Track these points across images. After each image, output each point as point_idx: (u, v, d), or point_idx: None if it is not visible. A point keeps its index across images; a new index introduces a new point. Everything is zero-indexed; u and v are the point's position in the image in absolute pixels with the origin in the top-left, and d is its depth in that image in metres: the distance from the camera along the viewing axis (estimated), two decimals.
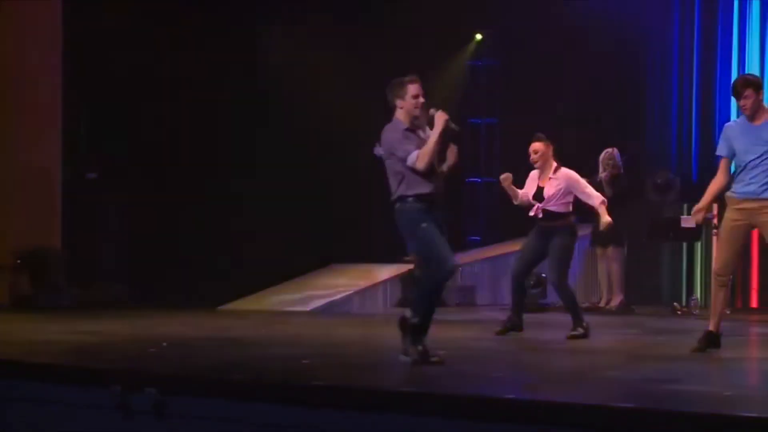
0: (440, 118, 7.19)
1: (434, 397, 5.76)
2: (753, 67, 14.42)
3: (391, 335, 9.64)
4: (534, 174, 9.47)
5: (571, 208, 9.42)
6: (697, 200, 8.08)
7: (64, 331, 9.43)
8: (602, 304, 12.61)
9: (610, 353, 8.43)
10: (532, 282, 12.08)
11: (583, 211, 12.80)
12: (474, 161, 15.52)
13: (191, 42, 13.92)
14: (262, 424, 5.87)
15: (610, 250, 12.53)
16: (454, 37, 15.25)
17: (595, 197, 9.36)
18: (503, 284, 13.36)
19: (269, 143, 14.06)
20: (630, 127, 14.47)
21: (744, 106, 7.82)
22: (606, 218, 9.30)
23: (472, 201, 15.71)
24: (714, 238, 12.61)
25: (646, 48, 15.18)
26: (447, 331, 9.90)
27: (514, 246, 12.82)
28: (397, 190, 7.24)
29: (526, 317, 9.62)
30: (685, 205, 13.49)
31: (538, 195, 9.33)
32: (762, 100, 7.84)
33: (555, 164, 9.38)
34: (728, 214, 7.91)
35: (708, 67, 14.88)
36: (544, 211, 9.32)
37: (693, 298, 12.49)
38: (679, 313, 12.07)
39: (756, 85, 7.89)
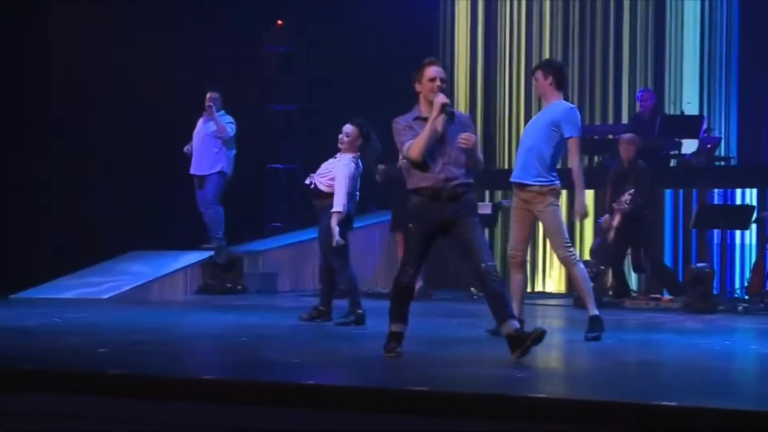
0: (437, 102, 6.72)
1: (230, 383, 5.74)
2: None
3: (193, 322, 9.60)
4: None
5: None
6: (498, 187, 8.43)
7: None
8: None
9: (408, 337, 8.56)
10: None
11: (385, 196, 13.03)
12: (274, 148, 15.50)
13: None
14: (54, 414, 5.72)
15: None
16: (253, 23, 15.16)
17: (336, 204, 9.00)
18: (305, 271, 13.43)
19: (69, 126, 13.64)
20: None
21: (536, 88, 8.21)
22: (334, 228, 8.92)
23: (273, 187, 15.68)
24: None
25: (438, 36, 15.50)
26: (247, 317, 9.91)
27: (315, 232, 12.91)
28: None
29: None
30: (486, 192, 13.85)
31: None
32: (550, 84, 8.13)
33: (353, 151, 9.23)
34: (515, 196, 8.25)
35: (494, 56, 15.33)
36: (316, 187, 9.17)
37: None
38: (475, 297, 12.34)
39: (545, 67, 8.22)
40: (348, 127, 9.21)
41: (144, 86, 13.51)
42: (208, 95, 12.79)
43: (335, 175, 9.06)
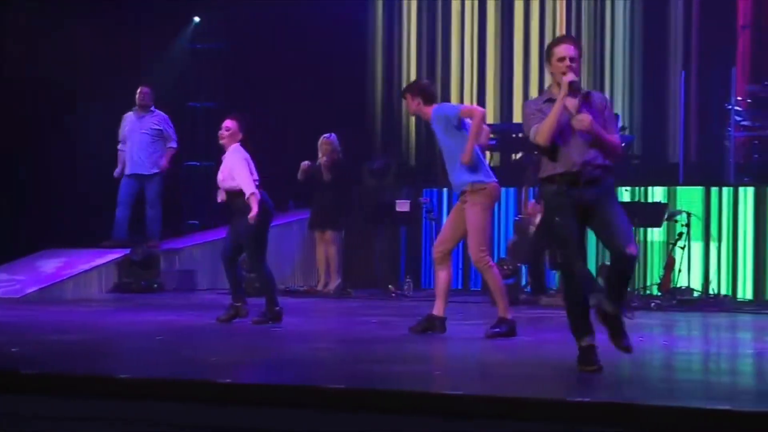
0: (564, 81, 6.21)
1: (146, 382, 5.69)
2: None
3: (109, 321, 9.48)
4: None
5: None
6: (413, 184, 8.46)
7: None
8: (320, 287, 12.77)
9: (326, 335, 8.57)
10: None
11: (304, 194, 13.01)
12: (193, 145, 15.41)
13: None
14: None
15: (329, 233, 12.70)
16: (173, 20, 15.04)
17: (245, 189, 8.93)
18: (222, 269, 13.31)
19: None
20: (349, 113, 14.72)
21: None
22: (252, 214, 8.81)
23: (191, 185, 15.58)
24: (429, 222, 13.04)
25: (367, 35, 15.52)
26: (164, 315, 9.82)
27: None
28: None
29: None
30: (405, 190, 13.88)
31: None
32: (418, 104, 8.29)
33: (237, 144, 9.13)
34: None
35: (424, 59, 15.40)
36: (225, 191, 9.08)
37: (407, 280, 12.84)
38: (393, 295, 12.39)
39: (410, 90, 8.42)
40: (228, 122, 9.17)
41: (65, 85, 13.35)
42: (139, 90, 12.67)
43: (231, 166, 9.00)
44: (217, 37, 15.45)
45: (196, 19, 15.64)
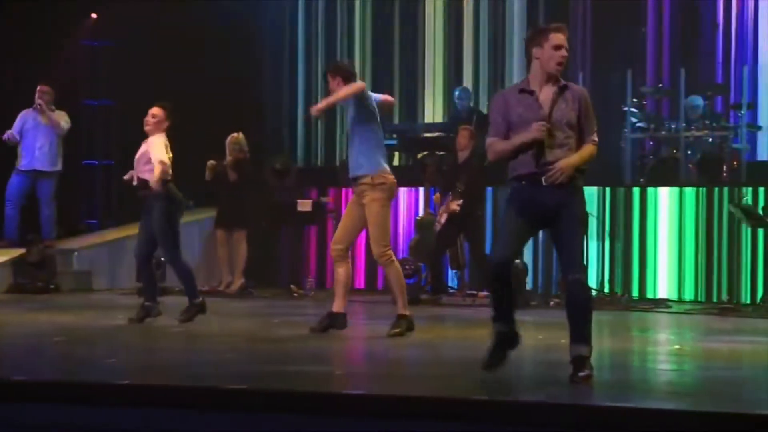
0: (534, 130, 5.82)
1: (43, 384, 5.60)
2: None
3: (4, 322, 9.29)
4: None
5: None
6: (317, 184, 8.47)
7: None
8: (222, 287, 12.68)
9: (228, 336, 8.52)
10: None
11: (210, 193, 12.89)
12: (91, 144, 15.18)
13: None
14: None
15: (236, 233, 12.64)
16: (67, 17, 14.79)
17: (155, 157, 8.77)
18: (120, 269, 13.16)
19: None
20: (252, 112, 14.64)
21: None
22: (154, 184, 8.69)
23: (89, 184, 15.36)
24: (330, 222, 13.03)
25: (267, 35, 15.45)
26: (61, 317, 9.66)
27: (132, 230, 12.68)
28: None
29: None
30: (305, 190, 13.85)
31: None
32: (338, 84, 8.21)
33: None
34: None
35: (322, 58, 15.39)
36: (138, 178, 8.99)
37: (309, 279, 12.82)
38: (295, 295, 12.36)
39: (330, 69, 8.36)
40: (155, 109, 9.05)
41: None
42: (39, 88, 12.47)
43: (149, 149, 8.88)
44: (114, 34, 15.23)
45: (93, 15, 15.41)
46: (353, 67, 8.84)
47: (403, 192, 13.06)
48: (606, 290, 12.01)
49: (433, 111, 14.98)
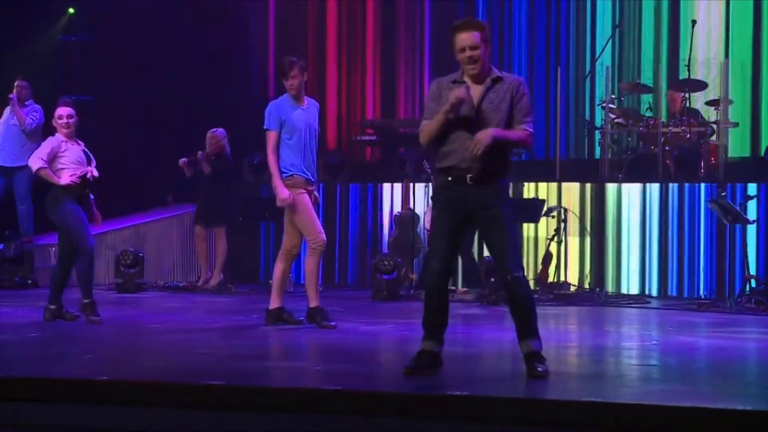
0: (451, 97, 5.79)
1: (17, 381, 5.57)
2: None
3: None
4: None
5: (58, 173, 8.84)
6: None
7: None
8: (200, 283, 12.65)
9: (205, 331, 8.49)
10: (128, 261, 11.99)
11: (188, 189, 12.84)
12: None
13: None
14: None
15: (215, 229, 12.60)
16: (45, 11, 14.71)
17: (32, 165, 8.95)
18: (98, 263, 13.03)
19: None
20: (232, 107, 14.60)
21: (291, 85, 8.32)
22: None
23: None
24: None
25: (248, 29, 15.42)
26: (39, 313, 9.60)
27: (109, 226, 12.64)
28: None
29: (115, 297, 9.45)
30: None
31: None
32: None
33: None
34: None
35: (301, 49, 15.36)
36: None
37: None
38: None
39: (301, 66, 8.38)
40: (71, 110, 9.05)
41: None
42: (17, 83, 12.42)
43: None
44: (92, 29, 15.15)
45: (71, 10, 15.33)
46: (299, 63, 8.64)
47: (386, 188, 13.11)
48: (586, 286, 12.04)
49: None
